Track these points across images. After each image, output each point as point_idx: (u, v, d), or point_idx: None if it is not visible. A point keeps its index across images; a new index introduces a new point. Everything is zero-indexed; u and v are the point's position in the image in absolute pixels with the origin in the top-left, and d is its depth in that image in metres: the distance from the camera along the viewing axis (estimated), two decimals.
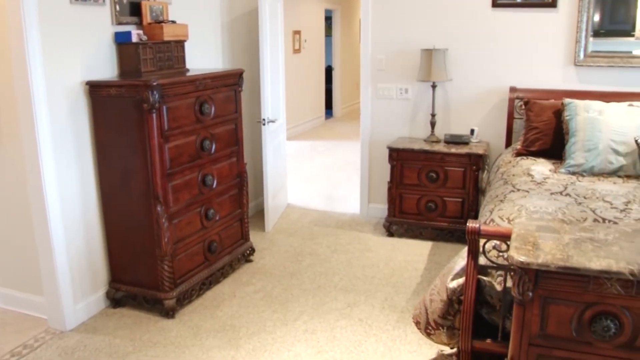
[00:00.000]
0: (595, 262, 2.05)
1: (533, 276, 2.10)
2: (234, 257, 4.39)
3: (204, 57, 4.74)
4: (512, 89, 4.89)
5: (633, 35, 4.77)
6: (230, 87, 4.25)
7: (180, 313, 3.77)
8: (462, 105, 5.15)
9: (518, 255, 2.11)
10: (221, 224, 4.24)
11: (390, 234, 5.08)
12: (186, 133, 3.79)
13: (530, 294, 2.12)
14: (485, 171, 4.94)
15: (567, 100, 4.29)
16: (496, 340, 2.88)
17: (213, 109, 4.04)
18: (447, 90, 5.16)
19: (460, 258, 2.99)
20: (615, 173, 3.96)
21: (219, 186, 4.17)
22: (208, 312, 3.78)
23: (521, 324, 2.17)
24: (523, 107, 4.69)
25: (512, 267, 2.78)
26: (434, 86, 4.99)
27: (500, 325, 2.85)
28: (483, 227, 2.72)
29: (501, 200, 3.36)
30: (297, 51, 10.13)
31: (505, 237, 2.72)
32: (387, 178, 5.04)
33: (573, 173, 3.99)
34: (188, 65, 4.31)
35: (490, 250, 2.83)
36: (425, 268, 4.43)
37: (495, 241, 2.83)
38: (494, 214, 3.16)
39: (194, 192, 3.91)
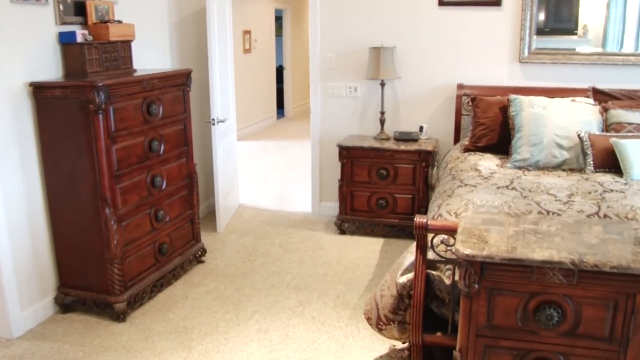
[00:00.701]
0: (538, 253, 2.09)
1: (479, 268, 2.14)
2: (186, 259, 4.34)
3: (152, 57, 4.66)
4: (460, 86, 4.97)
5: (576, 34, 4.91)
6: (179, 87, 4.19)
7: (131, 316, 3.70)
8: (411, 102, 5.21)
9: (464, 248, 2.14)
10: (172, 226, 4.18)
11: (342, 231, 5.10)
12: (134, 134, 3.72)
13: (477, 286, 2.15)
14: (435, 167, 5.00)
15: (512, 96, 4.39)
16: (446, 333, 2.92)
17: (161, 109, 3.98)
18: (396, 88, 5.20)
19: (410, 253, 3.02)
20: (559, 167, 4.06)
21: (169, 187, 4.12)
22: (160, 315, 3.73)
23: (468, 316, 2.21)
24: (470, 103, 4.76)
25: (459, 260, 2.84)
26: (382, 84, 5.03)
27: (450, 318, 2.89)
28: (430, 222, 2.75)
29: (449, 196, 3.41)
30: (247, 51, 10.07)
31: (452, 231, 2.76)
32: (338, 176, 5.06)
33: (519, 167, 4.07)
34: (135, 65, 4.23)
35: (438, 245, 2.87)
36: (377, 265, 4.46)
37: (443, 236, 2.87)
38: (442, 209, 3.20)
39: (143, 194, 3.85)
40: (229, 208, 5.56)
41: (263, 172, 7.51)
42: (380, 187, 4.93)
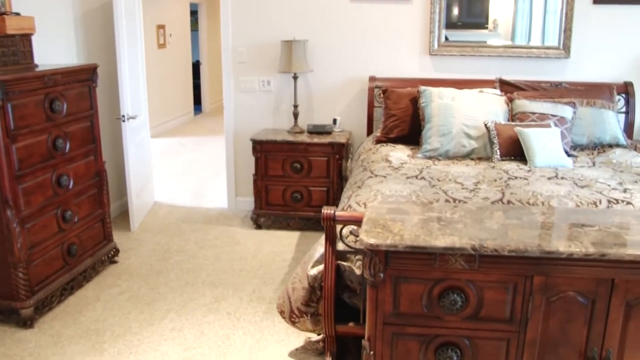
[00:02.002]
0: (441, 240, 2.12)
1: (383, 257, 2.14)
2: (97, 259, 4.18)
3: (56, 52, 4.46)
4: (372, 79, 5.01)
5: (487, 28, 5.06)
6: (84, 83, 4.02)
7: (39, 322, 3.53)
8: (324, 95, 5.21)
9: (368, 238, 2.14)
10: (81, 226, 4.02)
11: (258, 226, 5.06)
12: (36, 132, 3.54)
13: (382, 275, 2.16)
14: (349, 159, 5.03)
15: (422, 87, 4.46)
16: (358, 323, 2.94)
17: (65, 106, 3.80)
18: (309, 81, 5.20)
19: (320, 245, 3.01)
20: (468, 156, 4.16)
21: (76, 186, 3.95)
22: (70, 318, 3.58)
23: (375, 305, 2.21)
24: (382, 95, 4.81)
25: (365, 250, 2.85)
26: (295, 77, 5.01)
27: (361, 308, 2.91)
28: (338, 213, 2.75)
29: (359, 187, 3.43)
30: (162, 46, 9.82)
31: (360, 222, 2.76)
32: (253, 171, 5.00)
33: (429, 157, 4.15)
34: (38, 60, 4.02)
35: (348, 236, 2.87)
36: (292, 258, 4.45)
37: (352, 226, 2.88)
38: (351, 200, 3.21)
39: (48, 194, 3.67)
40: (143, 206, 5.40)
41: (179, 169, 7.35)
42: (295, 180, 4.92)
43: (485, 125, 4.16)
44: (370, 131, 5.05)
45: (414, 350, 2.26)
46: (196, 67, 11.80)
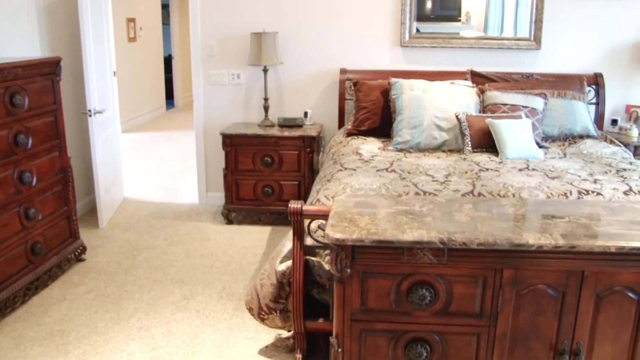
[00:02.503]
0: (408, 234, 2.07)
1: (350, 252, 2.09)
2: (63, 258, 4.07)
3: (18, 44, 4.31)
4: (343, 71, 4.95)
5: (460, 20, 5.02)
6: (47, 77, 3.90)
7: (1, 324, 3.41)
8: (295, 88, 5.14)
9: (334, 232, 2.08)
10: (45, 224, 3.90)
11: (229, 221, 4.98)
12: None
13: (349, 270, 2.10)
14: (321, 153, 4.97)
15: (393, 79, 4.41)
16: (328, 319, 2.88)
17: (27, 100, 3.67)
18: (279, 74, 5.12)
19: (288, 240, 2.95)
20: (439, 148, 4.12)
21: (40, 183, 3.83)
22: (34, 319, 3.47)
23: (342, 301, 2.16)
24: (353, 88, 4.76)
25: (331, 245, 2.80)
26: (265, 70, 4.92)
27: (331, 303, 2.85)
28: (305, 208, 2.69)
29: (328, 180, 3.37)
30: (132, 40, 9.64)
31: (326, 216, 2.71)
32: (223, 165, 4.92)
33: (400, 150, 4.10)
34: None
35: (316, 230, 2.82)
36: (264, 253, 4.38)
37: (321, 221, 2.82)
38: (320, 194, 3.15)
39: (9, 191, 3.55)
40: (112, 202, 5.29)
41: (150, 164, 7.22)
42: (266, 174, 4.84)
43: (457, 117, 4.12)
44: (341, 124, 4.99)
45: (383, 347, 2.21)
46: (168, 61, 11.63)
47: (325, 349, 3.03)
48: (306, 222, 2.75)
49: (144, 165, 7.16)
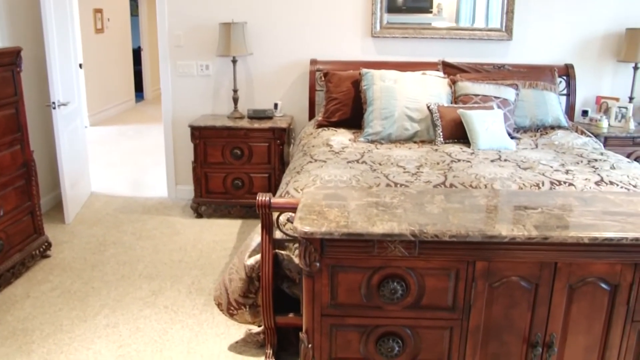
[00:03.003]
0: (379, 226, 2.01)
1: (318, 245, 2.03)
2: (27, 254, 3.94)
3: None
4: (313, 62, 4.87)
5: (431, 12, 4.97)
6: (6, 68, 3.75)
7: None
8: (265, 79, 5.05)
9: (302, 225, 2.02)
10: (7, 220, 3.77)
11: (199, 215, 4.88)
12: None
13: (318, 264, 2.04)
14: (291, 144, 4.89)
15: (364, 70, 4.35)
16: (298, 314, 2.82)
17: None
18: (249, 65, 5.02)
19: (256, 234, 2.88)
20: (411, 139, 4.08)
21: (1, 178, 3.70)
22: None
23: (312, 296, 2.10)
24: (323, 78, 4.69)
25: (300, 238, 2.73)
26: (234, 61, 4.82)
27: (301, 298, 2.79)
28: (274, 200, 2.62)
29: (298, 172, 3.30)
30: (99, 31, 9.43)
31: (296, 209, 2.64)
32: (192, 158, 4.82)
33: (372, 141, 4.05)
34: None
35: (285, 223, 2.75)
36: (234, 247, 4.30)
37: (290, 213, 2.75)
38: (289, 186, 3.08)
39: None
40: (79, 197, 5.15)
41: (118, 158, 7.07)
42: (236, 167, 4.75)
43: (428, 107, 4.08)
44: (312, 115, 4.92)
45: (354, 342, 2.15)
46: (137, 53, 11.41)
47: (297, 344, 2.97)
48: (275, 215, 2.68)
49: (112, 159, 7.00)
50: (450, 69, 4.66)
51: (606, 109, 4.89)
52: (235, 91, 4.90)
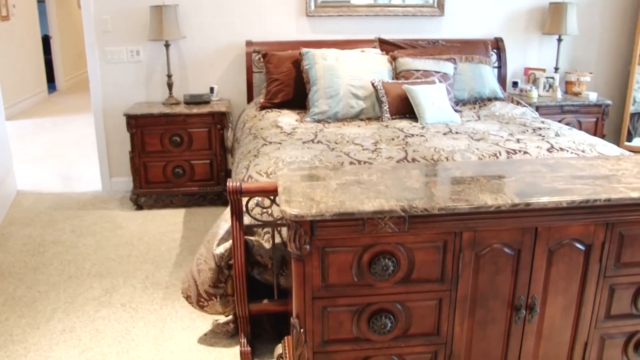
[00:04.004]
0: (368, 204, 1.99)
1: (309, 228, 1.98)
2: None
3: None
4: (249, 43, 4.77)
5: None
6: None
7: None
8: (199, 63, 4.90)
9: (291, 208, 1.96)
10: None
11: (139, 206, 4.70)
12: None
13: (308, 247, 2.00)
14: (230, 129, 4.78)
15: (304, 49, 4.30)
16: (273, 299, 2.78)
17: None
18: (182, 49, 4.86)
19: (224, 221, 2.80)
20: (357, 117, 4.08)
21: None
22: None
23: (302, 280, 2.05)
24: (262, 60, 4.60)
25: (278, 222, 2.69)
26: (167, 45, 4.65)
27: (274, 283, 2.75)
28: (245, 185, 2.55)
29: (255, 155, 3.23)
30: (5, 18, 8.82)
31: (268, 192, 2.59)
32: (129, 148, 4.62)
33: (318, 121, 4.02)
34: None
35: (253, 208, 2.69)
36: (182, 237, 4.18)
37: (257, 198, 2.70)
38: (250, 170, 3.01)
39: None
40: (5, 197, 4.84)
41: (41, 152, 6.66)
42: (175, 154, 4.61)
43: (373, 84, 4.09)
44: (250, 98, 4.83)
45: (346, 322, 2.13)
46: (46, 41, 10.78)
47: (271, 330, 2.93)
48: (243, 200, 2.61)
49: (35, 154, 6.60)
50: (387, 46, 4.69)
51: (534, 80, 5.07)
52: (169, 76, 4.73)
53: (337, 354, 2.18)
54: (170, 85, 4.75)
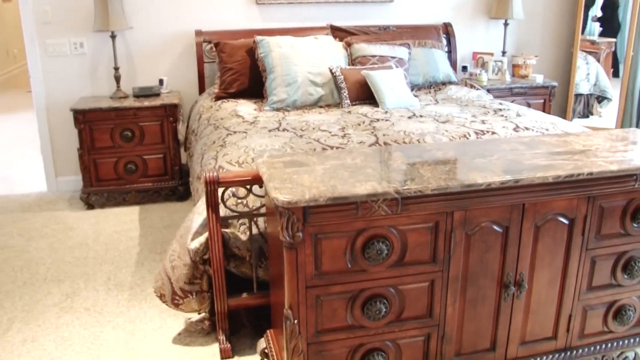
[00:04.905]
0: (360, 187, 1.95)
1: (301, 215, 1.92)
2: None
3: None
4: (198, 32, 4.63)
5: None
6: None
7: None
8: (147, 54, 4.72)
9: (282, 195, 1.89)
10: None
11: (90, 206, 4.49)
12: None
13: (301, 234, 1.94)
14: (180, 121, 4.63)
15: (258, 37, 4.21)
16: (252, 293, 2.70)
17: None
18: (129, 40, 4.66)
19: (196, 214, 2.70)
20: (316, 104, 4.02)
21: None
22: None
23: (295, 269, 1.99)
24: (214, 50, 4.48)
25: (254, 212, 2.61)
26: (113, 36, 4.45)
27: (254, 275, 2.67)
28: (222, 175, 2.46)
29: (222, 145, 3.12)
30: None
31: (247, 182, 2.51)
32: (76, 145, 4.41)
33: (277, 109, 3.95)
34: None
35: (228, 199, 2.60)
36: (140, 235, 4.02)
37: (231, 189, 2.61)
38: (220, 161, 2.91)
39: None
40: None
41: None
42: (127, 150, 4.43)
43: (331, 71, 4.04)
44: (202, 89, 4.70)
45: (340, 310, 2.08)
46: None
47: (249, 325, 2.85)
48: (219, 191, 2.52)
49: None
50: (339, 33, 4.65)
51: (482, 64, 5.15)
52: (116, 69, 4.53)
53: (331, 344, 2.13)
54: (117, 78, 4.56)
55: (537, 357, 2.42)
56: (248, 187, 2.55)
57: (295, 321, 2.04)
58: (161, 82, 4.70)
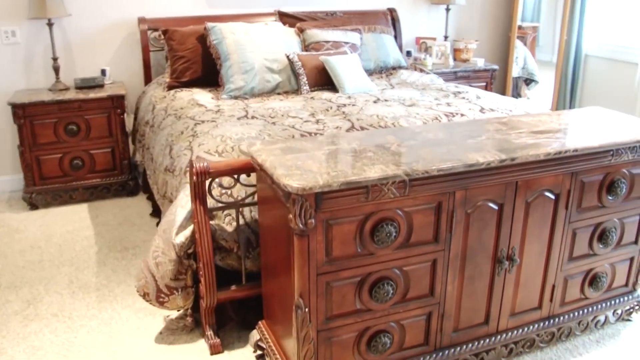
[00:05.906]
0: (370, 171, 1.94)
1: (313, 201, 1.89)
2: None
3: None
4: (142, 20, 4.46)
5: None
6: None
7: None
8: (87, 43, 4.49)
9: (293, 181, 1.86)
10: None
11: (34, 206, 4.25)
12: None
13: (313, 220, 1.91)
14: (126, 113, 4.44)
15: (210, 24, 4.10)
16: (241, 285, 2.65)
17: None
18: (66, 28, 4.42)
19: (179, 207, 2.61)
20: (273, 91, 3.98)
21: None
22: None
23: (307, 256, 1.96)
24: (161, 37, 4.32)
25: (241, 202, 2.55)
26: (50, 24, 4.21)
27: (242, 267, 2.61)
28: (212, 165, 2.39)
29: (193, 136, 3.03)
30: None
31: (238, 171, 2.45)
32: (11, 141, 4.15)
33: (235, 97, 3.87)
34: None
35: (212, 190, 2.53)
36: (95, 234, 3.84)
37: (216, 179, 2.54)
38: (196, 151, 2.83)
39: None
40: None
41: None
42: (72, 145, 4.22)
43: (288, 57, 4.00)
44: (149, 79, 4.54)
45: (349, 295, 2.08)
46: None
47: (236, 318, 2.80)
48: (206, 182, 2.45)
49: None
50: (287, 19, 4.61)
51: (426, 48, 5.24)
52: (55, 59, 4.29)
53: (340, 329, 2.12)
54: (56, 69, 4.32)
55: (524, 326, 2.52)
56: (235, 176, 2.49)
57: (307, 309, 2.02)
58: (103, 72, 4.49)
